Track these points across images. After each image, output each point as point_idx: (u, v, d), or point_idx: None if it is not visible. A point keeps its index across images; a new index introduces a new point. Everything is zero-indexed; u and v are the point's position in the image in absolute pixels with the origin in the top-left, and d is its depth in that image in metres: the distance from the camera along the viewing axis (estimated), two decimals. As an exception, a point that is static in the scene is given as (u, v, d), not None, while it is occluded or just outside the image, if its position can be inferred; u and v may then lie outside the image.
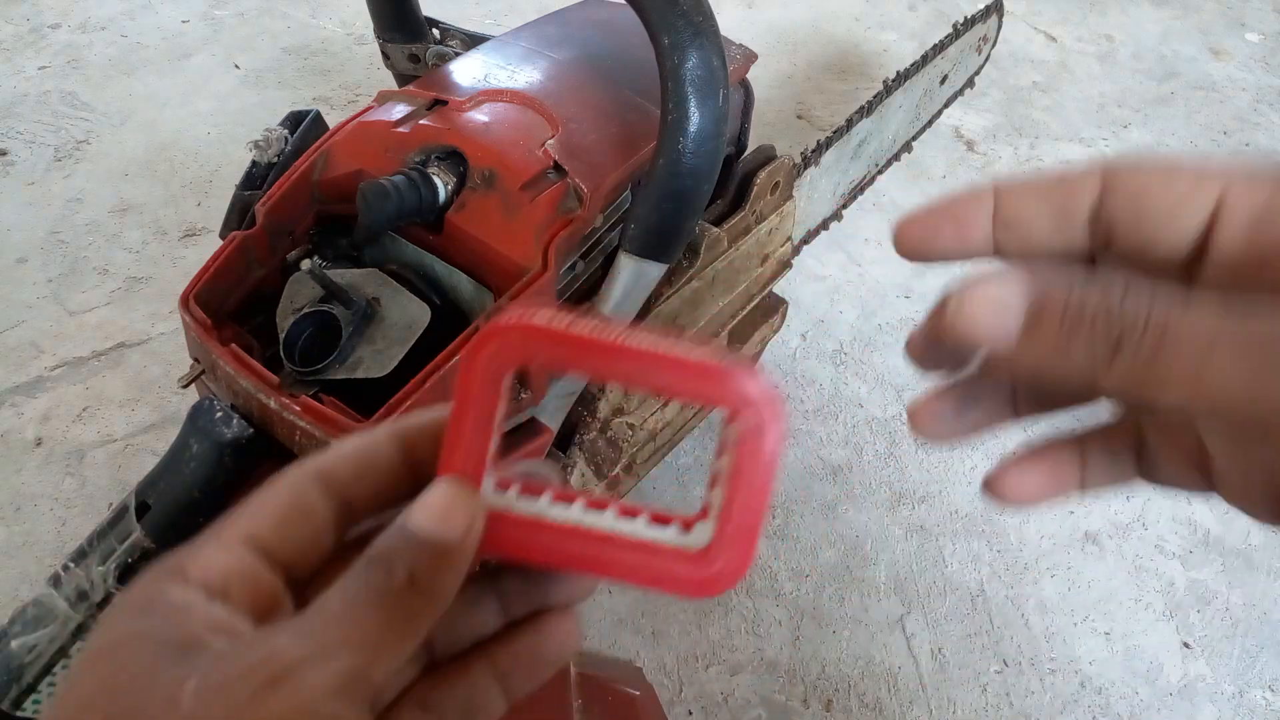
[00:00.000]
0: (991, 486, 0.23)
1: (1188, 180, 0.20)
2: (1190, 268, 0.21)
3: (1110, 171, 0.21)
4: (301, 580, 0.22)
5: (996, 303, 0.19)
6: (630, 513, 0.23)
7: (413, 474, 0.23)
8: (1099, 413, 0.24)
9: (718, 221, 0.64)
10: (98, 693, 0.19)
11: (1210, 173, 0.20)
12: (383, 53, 0.69)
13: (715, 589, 0.22)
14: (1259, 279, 0.21)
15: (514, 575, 0.24)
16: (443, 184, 0.51)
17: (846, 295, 0.94)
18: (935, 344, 0.23)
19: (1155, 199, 0.21)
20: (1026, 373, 0.20)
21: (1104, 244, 0.22)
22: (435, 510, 0.21)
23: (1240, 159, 0.22)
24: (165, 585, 0.20)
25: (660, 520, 0.23)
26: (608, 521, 0.23)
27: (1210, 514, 0.77)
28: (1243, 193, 0.20)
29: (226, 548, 0.21)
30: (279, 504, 0.22)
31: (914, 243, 0.22)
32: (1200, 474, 0.23)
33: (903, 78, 0.81)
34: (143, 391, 0.81)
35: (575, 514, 0.23)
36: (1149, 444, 0.24)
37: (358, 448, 0.23)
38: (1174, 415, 0.22)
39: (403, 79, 0.69)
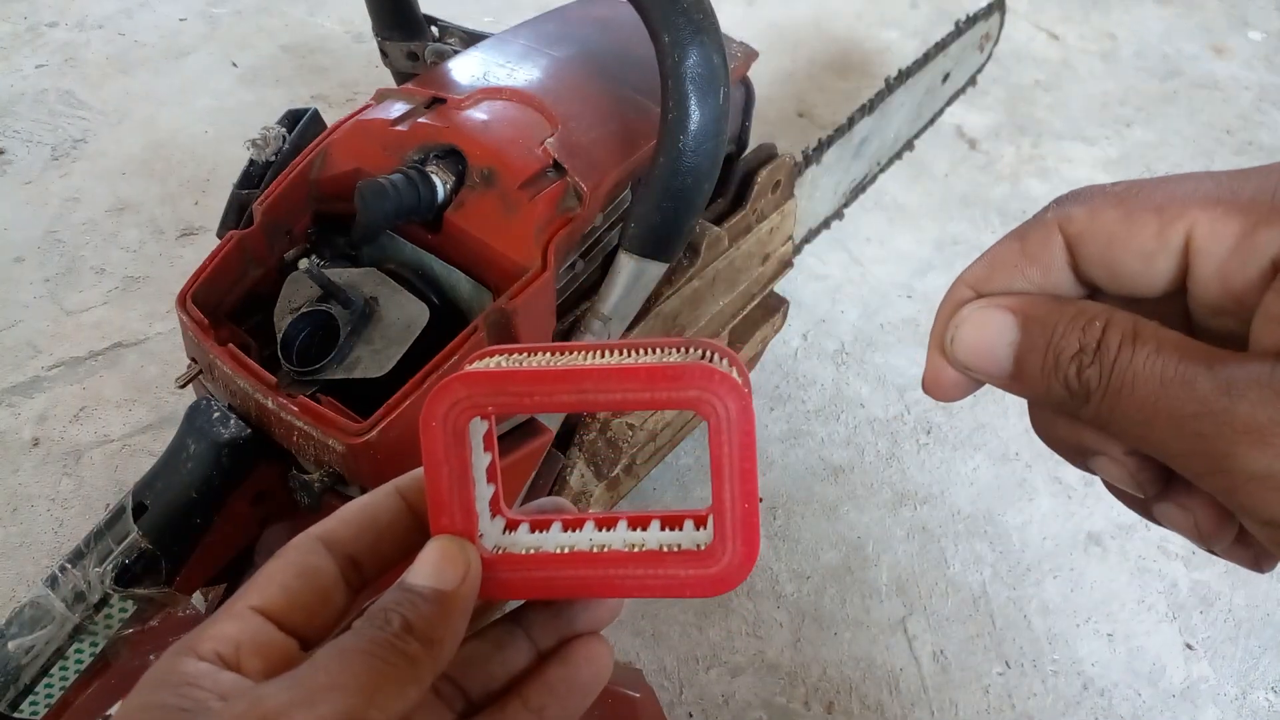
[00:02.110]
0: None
1: (1150, 225, 0.20)
2: (1179, 295, 0.21)
3: (1067, 228, 0.21)
4: (318, 643, 0.23)
5: (986, 346, 0.21)
6: (640, 522, 0.23)
7: (419, 527, 0.23)
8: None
9: (718, 220, 0.63)
10: None
11: (1172, 210, 0.20)
12: (381, 51, 0.69)
13: (728, 585, 0.22)
14: (1237, 315, 0.21)
15: (538, 608, 0.25)
16: (441, 183, 0.51)
17: (848, 294, 0.94)
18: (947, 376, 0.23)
19: (1123, 254, 0.20)
20: (1017, 394, 0.21)
21: (1090, 291, 0.22)
22: (429, 564, 0.22)
23: (1199, 178, 0.21)
24: (178, 659, 0.21)
25: (671, 523, 0.23)
26: (619, 537, 0.23)
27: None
28: (1209, 233, 0.20)
29: (237, 618, 0.22)
30: (285, 570, 0.22)
31: (948, 388, 0.23)
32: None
33: (904, 76, 0.81)
34: (140, 392, 0.81)
35: (584, 538, 0.23)
36: None
37: (358, 508, 0.24)
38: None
39: (401, 77, 0.69)
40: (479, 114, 0.53)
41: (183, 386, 0.52)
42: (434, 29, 0.68)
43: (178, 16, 1.24)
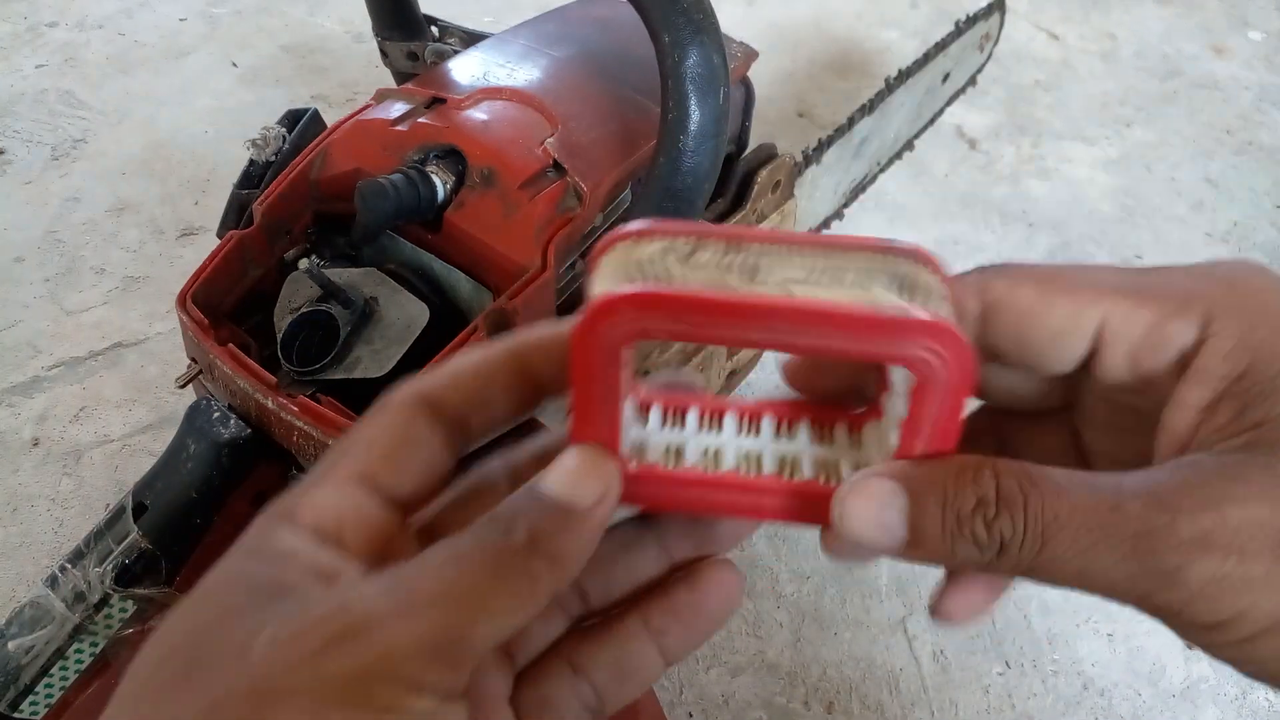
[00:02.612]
0: (939, 612, 0.22)
1: (1066, 307, 0.20)
2: (1075, 375, 0.22)
3: (986, 294, 0.21)
4: (416, 510, 0.21)
5: (877, 518, 0.19)
6: (787, 421, 0.21)
7: (531, 390, 0.21)
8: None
9: (719, 220, 0.63)
10: (185, 635, 0.18)
11: (1088, 298, 0.20)
12: (381, 51, 0.69)
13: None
14: (1138, 401, 0.21)
15: (675, 516, 0.22)
16: (441, 183, 0.51)
17: (847, 294, 0.94)
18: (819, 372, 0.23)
19: (1034, 332, 0.21)
20: (918, 563, 0.20)
21: (991, 359, 0.22)
22: (567, 474, 0.19)
23: (1114, 270, 0.21)
24: (274, 528, 0.19)
25: (821, 425, 0.21)
26: (766, 446, 0.21)
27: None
28: (1123, 321, 0.20)
29: (338, 486, 0.20)
30: (387, 434, 0.20)
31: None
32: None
33: (904, 76, 0.81)
34: (140, 391, 0.81)
35: (728, 441, 0.21)
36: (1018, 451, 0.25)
37: (470, 368, 0.21)
38: None
39: (401, 77, 0.69)
40: (479, 114, 0.53)
41: (183, 386, 0.52)
42: (434, 29, 0.68)
43: (178, 16, 1.24)
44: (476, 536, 0.18)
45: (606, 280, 0.19)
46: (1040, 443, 0.24)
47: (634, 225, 0.20)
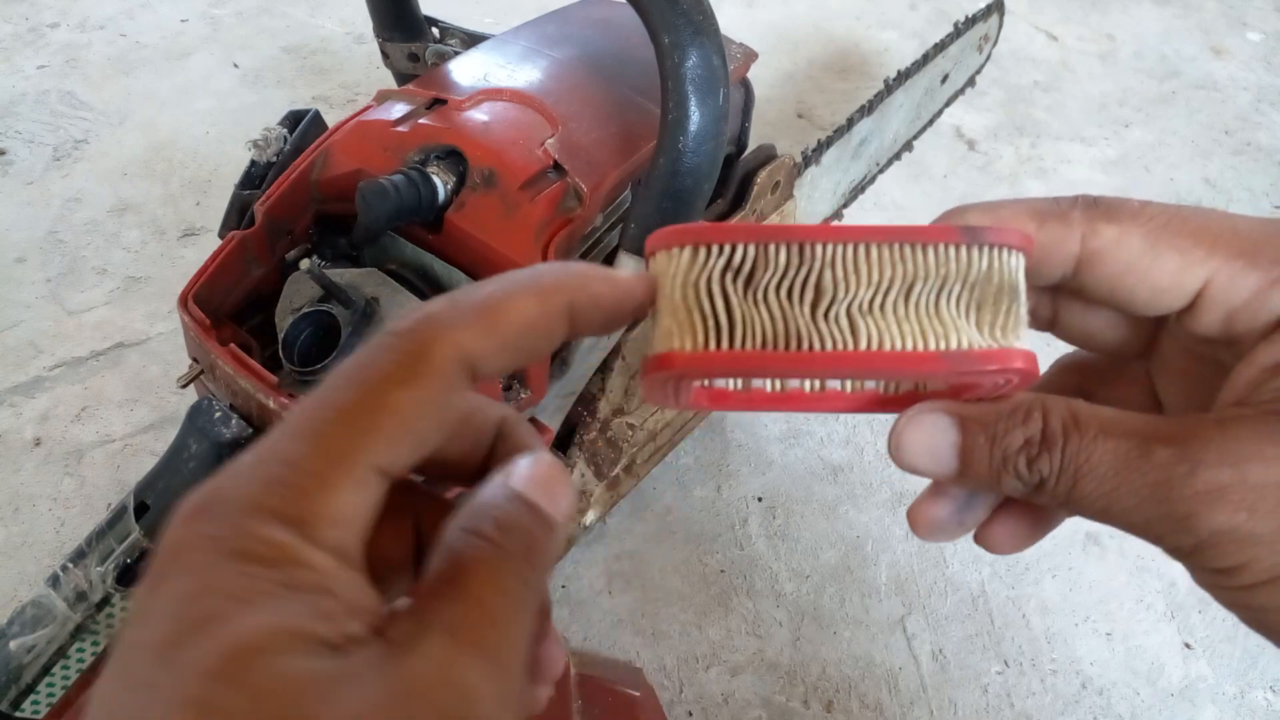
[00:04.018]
0: (983, 540, 0.24)
1: (1173, 263, 0.20)
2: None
3: (1091, 240, 0.21)
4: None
5: (928, 449, 0.21)
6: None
7: (568, 334, 0.19)
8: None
9: (719, 219, 0.63)
10: None
11: (1199, 255, 0.20)
12: (382, 51, 0.69)
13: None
14: (1220, 354, 0.22)
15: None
16: (442, 183, 0.51)
17: (847, 295, 0.94)
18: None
19: (1135, 285, 0.21)
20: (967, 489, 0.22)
21: (1079, 299, 0.23)
22: (551, 486, 0.18)
23: (1226, 221, 0.21)
24: (296, 546, 0.14)
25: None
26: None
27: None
28: (1227, 285, 0.20)
29: (360, 485, 0.15)
30: (421, 411, 0.16)
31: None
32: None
33: (903, 77, 0.81)
34: (141, 391, 0.81)
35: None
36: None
37: (524, 326, 0.18)
38: None
39: (402, 78, 0.69)
40: (480, 115, 0.54)
41: (184, 386, 0.52)
42: (435, 30, 0.68)
43: (179, 17, 1.25)
44: (513, 582, 0.16)
45: (667, 310, 0.19)
46: (1119, 396, 0.25)
47: (694, 226, 0.20)
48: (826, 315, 0.19)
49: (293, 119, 0.57)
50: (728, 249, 0.19)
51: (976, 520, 0.23)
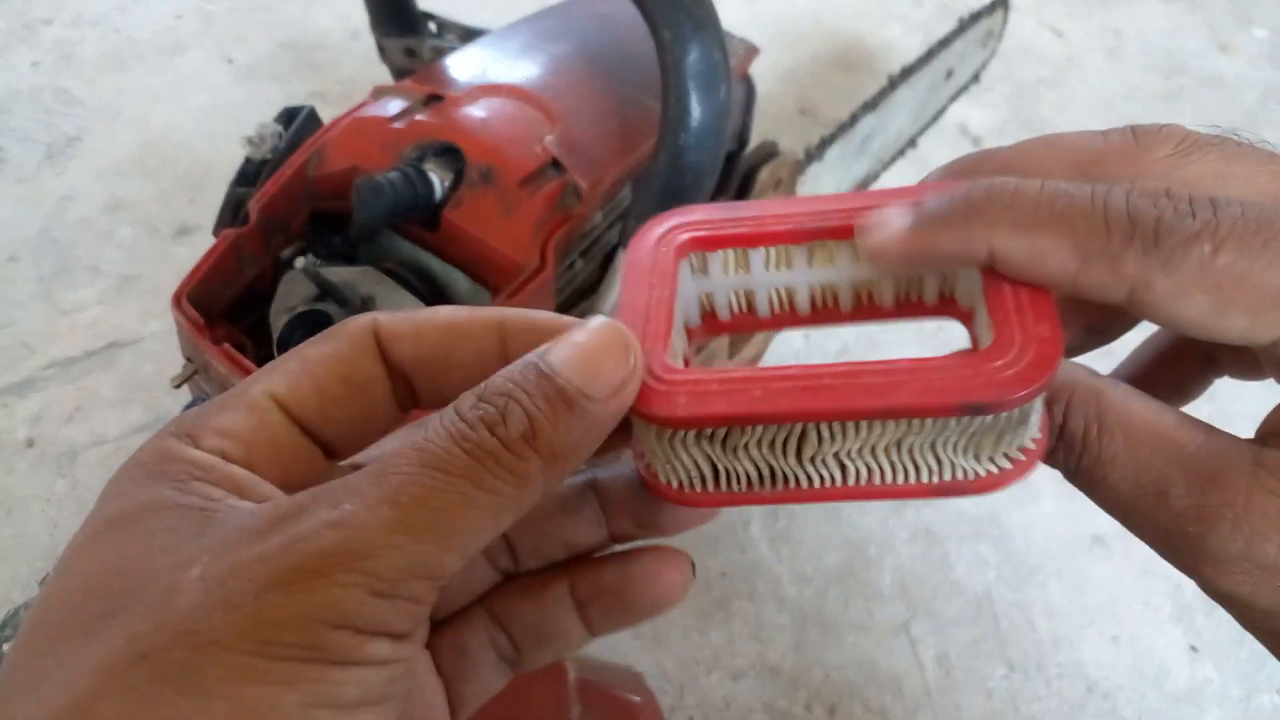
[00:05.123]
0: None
1: (1242, 326, 0.17)
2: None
3: (1144, 290, 0.17)
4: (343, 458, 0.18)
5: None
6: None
7: (503, 364, 0.18)
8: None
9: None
10: (100, 569, 0.15)
11: (1273, 317, 0.17)
12: (378, 47, 0.68)
13: (1031, 382, 0.16)
14: None
15: (622, 486, 0.20)
16: (439, 180, 0.50)
17: (849, 293, 0.93)
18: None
19: (1195, 334, 0.18)
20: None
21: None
22: (587, 350, 0.16)
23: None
24: (173, 445, 0.17)
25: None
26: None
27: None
28: None
29: (251, 408, 0.17)
30: (323, 363, 0.17)
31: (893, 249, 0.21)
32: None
33: (907, 73, 0.80)
34: (135, 391, 0.80)
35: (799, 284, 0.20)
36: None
37: (442, 319, 0.18)
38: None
39: (398, 74, 0.68)
40: (477, 111, 0.53)
41: (178, 386, 0.52)
42: (431, 25, 0.67)
43: (173, 13, 1.23)
44: (455, 425, 0.15)
45: (643, 440, 0.18)
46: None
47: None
48: (813, 460, 0.18)
49: (288, 115, 0.57)
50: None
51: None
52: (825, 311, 0.21)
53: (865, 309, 0.21)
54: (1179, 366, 0.24)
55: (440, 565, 0.14)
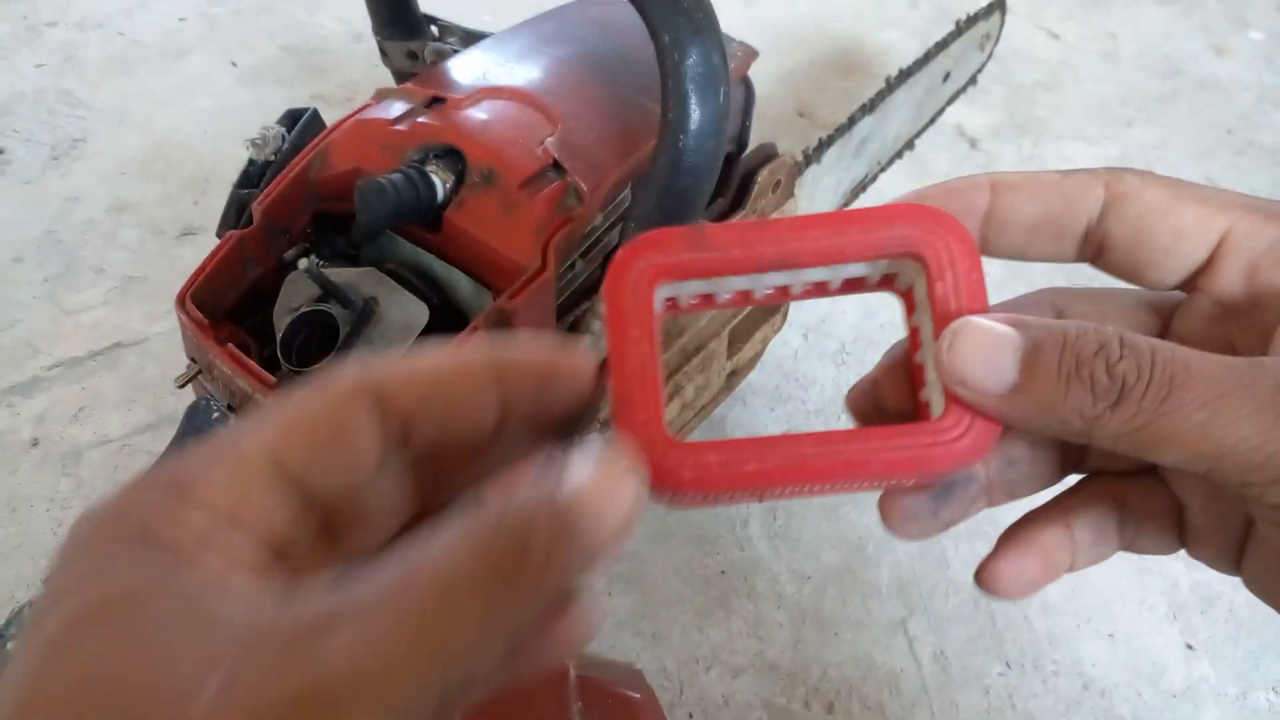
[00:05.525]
0: (987, 581, 0.22)
1: (1194, 213, 0.20)
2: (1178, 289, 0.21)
3: (1115, 185, 0.21)
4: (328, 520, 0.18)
5: (993, 340, 0.18)
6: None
7: (499, 409, 0.19)
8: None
9: (719, 220, 0.63)
10: (87, 680, 0.13)
11: (1216, 206, 0.20)
12: (381, 50, 0.68)
13: (976, 454, 0.19)
14: (1248, 319, 0.21)
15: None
16: (441, 182, 0.50)
17: (848, 294, 0.93)
18: (878, 399, 0.23)
19: (1158, 228, 0.20)
20: (1014, 424, 0.19)
21: (1092, 257, 0.22)
22: (604, 489, 0.16)
23: (1245, 195, 0.21)
24: (166, 505, 0.15)
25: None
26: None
27: (1214, 515, 0.76)
28: (1247, 232, 0.20)
29: (245, 463, 0.16)
30: (316, 418, 0.17)
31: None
32: (1172, 535, 0.24)
33: (905, 75, 0.81)
34: (139, 392, 0.80)
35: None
36: (1129, 508, 0.25)
37: (432, 367, 0.18)
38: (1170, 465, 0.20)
39: (401, 76, 0.68)
40: (479, 113, 0.53)
41: (182, 386, 0.52)
42: (434, 28, 0.68)
43: (177, 16, 1.24)
44: (476, 548, 0.15)
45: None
46: None
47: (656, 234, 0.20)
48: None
49: (291, 118, 0.57)
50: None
51: (952, 515, 0.22)
52: (779, 293, 0.23)
53: (815, 290, 0.23)
54: None
55: (452, 690, 0.15)
